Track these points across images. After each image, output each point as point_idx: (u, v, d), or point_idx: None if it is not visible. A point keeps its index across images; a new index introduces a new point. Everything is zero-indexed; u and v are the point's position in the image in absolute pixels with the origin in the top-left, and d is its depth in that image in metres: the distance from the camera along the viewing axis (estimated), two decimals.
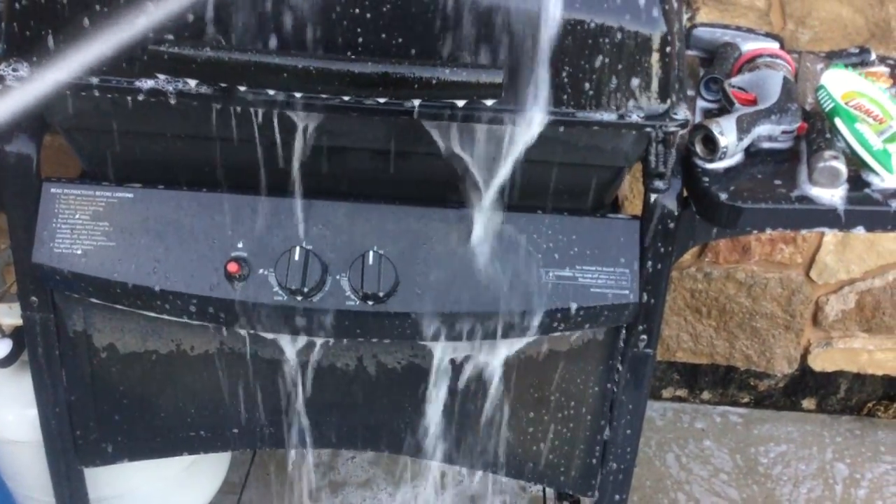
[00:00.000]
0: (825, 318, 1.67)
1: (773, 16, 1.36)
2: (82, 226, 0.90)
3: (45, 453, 1.09)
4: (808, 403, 1.83)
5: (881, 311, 1.65)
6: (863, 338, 1.70)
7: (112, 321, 0.98)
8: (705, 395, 1.83)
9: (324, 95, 0.76)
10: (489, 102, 0.77)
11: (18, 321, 1.07)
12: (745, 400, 1.83)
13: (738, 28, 1.13)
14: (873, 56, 1.10)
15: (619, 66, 0.81)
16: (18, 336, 1.10)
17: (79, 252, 0.90)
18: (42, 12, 0.78)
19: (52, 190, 0.91)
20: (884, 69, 1.08)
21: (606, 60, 0.80)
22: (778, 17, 1.36)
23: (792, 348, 1.71)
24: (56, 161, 1.25)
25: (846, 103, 0.93)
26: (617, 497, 1.09)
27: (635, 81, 0.82)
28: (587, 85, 0.80)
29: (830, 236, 1.56)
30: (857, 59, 1.10)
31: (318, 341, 0.97)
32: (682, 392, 1.83)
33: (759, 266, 1.61)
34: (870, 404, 1.81)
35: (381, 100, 0.76)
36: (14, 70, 0.80)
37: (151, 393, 1.04)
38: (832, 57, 1.10)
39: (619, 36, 0.79)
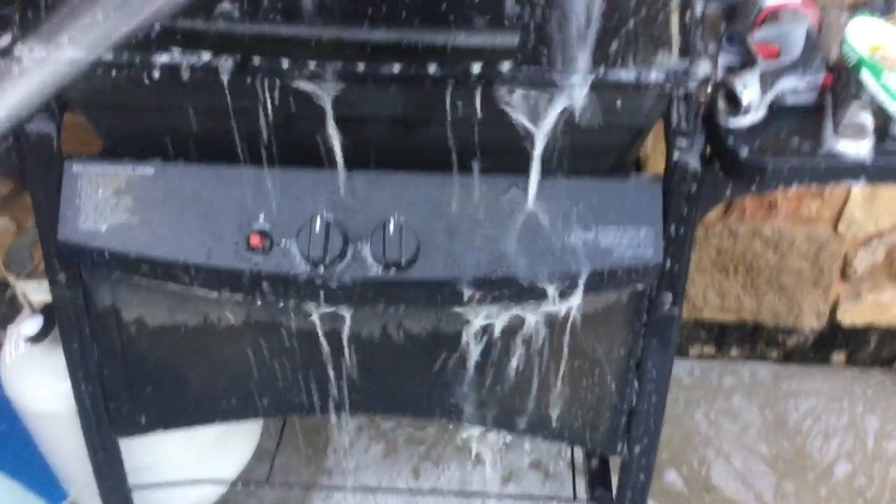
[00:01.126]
0: (853, 272, 1.65)
1: None
2: (105, 202, 0.91)
3: (80, 426, 1.12)
4: (837, 358, 1.81)
5: None
6: (893, 291, 1.68)
7: (139, 295, 0.99)
8: (733, 352, 1.83)
9: (339, 65, 0.76)
10: (505, 66, 0.76)
11: (48, 298, 1.09)
12: (774, 356, 1.82)
13: None
14: None
15: (639, 24, 0.79)
16: (49, 312, 1.11)
17: (103, 228, 0.91)
18: None
19: (74, 168, 0.91)
20: None
21: (625, 19, 0.78)
22: None
23: (820, 303, 1.69)
24: (77, 139, 1.26)
25: (872, 55, 0.91)
26: (645, 456, 1.09)
27: (655, 39, 0.80)
28: (606, 45, 0.79)
29: (858, 189, 1.54)
30: (884, 7, 1.07)
31: (343, 310, 0.97)
32: (709, 350, 1.83)
33: (785, 222, 1.58)
34: None
35: (397, 67, 0.75)
36: (30, 51, 0.80)
37: (181, 364, 1.06)
38: (857, 7, 1.07)
39: None
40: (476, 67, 0.76)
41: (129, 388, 1.08)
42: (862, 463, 1.62)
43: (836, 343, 1.78)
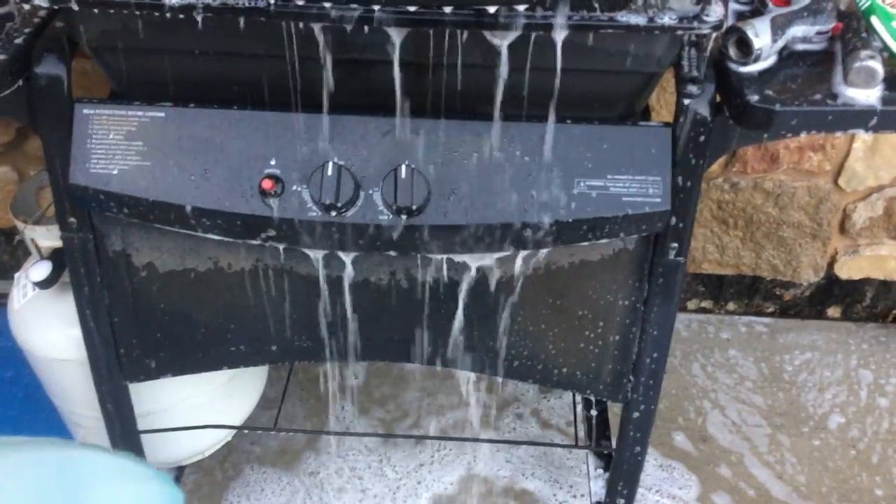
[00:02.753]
0: (852, 225, 1.66)
1: None
2: (116, 146, 0.91)
3: (89, 371, 1.13)
4: (833, 312, 1.84)
5: None
6: (890, 244, 1.70)
7: (150, 240, 1.00)
8: (730, 305, 1.85)
9: (353, 6, 0.75)
10: (520, 8, 0.76)
11: (56, 243, 1.09)
12: (771, 310, 1.84)
13: None
14: None
15: None
16: (57, 258, 1.12)
17: (114, 172, 0.91)
18: None
19: (85, 111, 0.91)
20: None
21: None
22: None
23: (818, 257, 1.71)
24: (82, 86, 1.26)
25: (883, 1, 0.91)
26: (647, 403, 1.11)
27: None
28: None
29: (860, 142, 1.54)
30: None
31: (352, 255, 0.98)
32: (707, 303, 1.85)
33: (786, 175, 1.59)
34: (895, 311, 1.82)
35: (412, 8, 0.75)
36: None
37: (191, 309, 1.07)
38: None
39: None
40: (490, 9, 0.76)
41: (139, 333, 1.09)
42: (855, 415, 1.66)
43: (833, 297, 1.80)
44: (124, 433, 1.19)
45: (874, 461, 1.57)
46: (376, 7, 0.76)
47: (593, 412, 1.50)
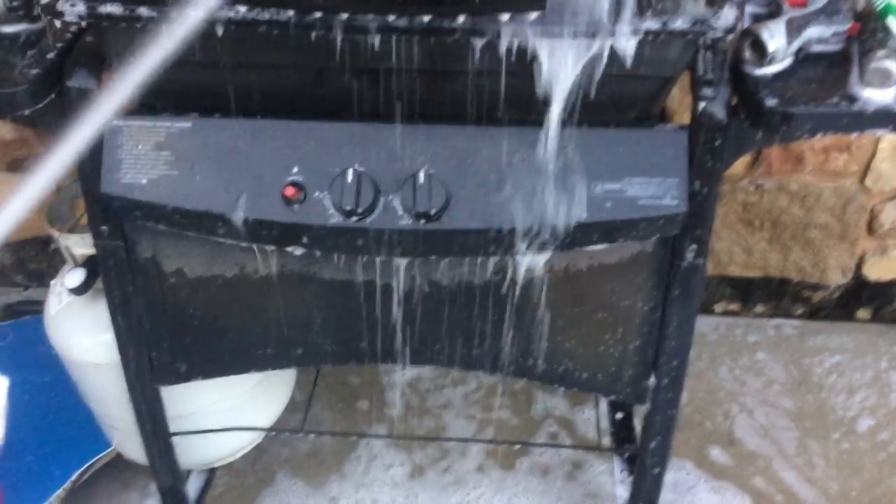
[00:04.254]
0: (880, 226, 1.65)
1: None
2: (146, 156, 0.94)
3: (122, 375, 1.16)
4: (862, 314, 1.82)
5: None
6: None
7: (178, 247, 1.03)
8: (758, 308, 1.84)
9: (371, 17, 0.78)
10: (533, 15, 0.78)
11: (90, 251, 1.12)
12: (799, 312, 1.83)
13: None
14: None
15: None
16: (91, 265, 1.15)
17: (144, 181, 0.94)
18: None
19: (115, 122, 0.94)
20: None
21: None
22: None
23: (846, 258, 1.69)
24: None
25: None
26: (668, 406, 1.12)
27: None
28: None
29: (886, 142, 1.53)
30: None
31: (373, 260, 1.00)
32: (734, 306, 1.84)
33: (812, 176, 1.59)
34: None
35: (426, 18, 0.77)
36: (72, 5, 0.83)
37: (220, 314, 1.09)
38: None
39: None
40: (504, 18, 0.78)
41: (170, 337, 1.12)
42: (885, 418, 1.64)
43: (862, 299, 1.79)
44: (157, 435, 1.23)
45: None
46: (392, 17, 0.77)
47: (618, 416, 1.51)
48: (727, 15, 0.82)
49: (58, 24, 0.93)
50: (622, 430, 1.46)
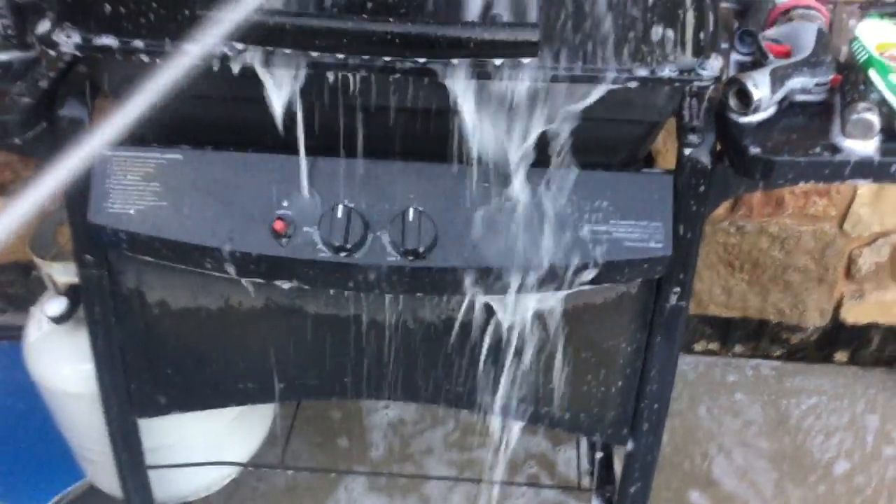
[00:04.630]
0: (858, 270, 1.67)
1: None
2: (134, 186, 0.94)
3: (99, 406, 1.15)
4: (840, 356, 1.84)
5: None
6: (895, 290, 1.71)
7: (163, 278, 1.02)
8: (737, 348, 1.85)
9: (364, 57, 0.78)
10: (525, 61, 0.79)
11: (72, 279, 1.12)
12: (778, 353, 1.85)
13: None
14: None
15: (652, 21, 0.82)
16: (73, 294, 1.14)
17: (131, 212, 0.94)
18: None
19: (105, 152, 0.94)
20: None
21: (639, 16, 0.81)
22: None
23: (824, 301, 1.71)
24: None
25: (880, 54, 0.93)
26: (649, 447, 1.12)
27: (667, 36, 0.83)
28: (621, 41, 0.81)
29: (865, 188, 1.56)
30: (893, 8, 1.09)
31: (360, 296, 1.00)
32: (714, 346, 1.85)
33: (792, 219, 1.61)
34: None
35: (421, 60, 0.78)
36: (68, 36, 0.83)
37: (202, 347, 1.09)
38: (867, 7, 1.09)
39: None
40: (496, 62, 0.79)
41: (150, 369, 1.11)
42: (861, 461, 1.65)
43: (840, 341, 1.81)
44: (132, 468, 1.21)
45: None
46: (384, 58, 0.78)
47: (598, 456, 1.51)
48: (713, 64, 0.84)
49: (51, 53, 0.92)
50: (602, 471, 1.46)
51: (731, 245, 1.65)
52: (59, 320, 1.14)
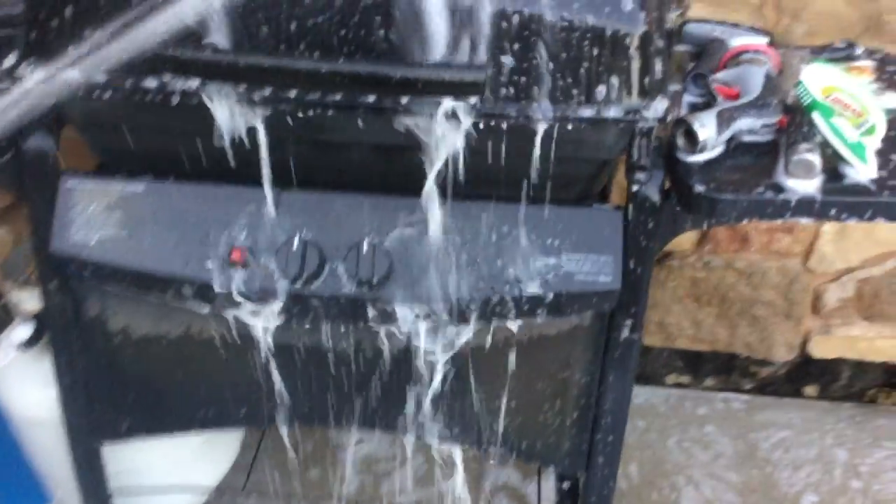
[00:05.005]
0: (824, 306, 1.70)
1: (766, 10, 1.39)
2: (97, 216, 0.96)
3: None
4: (810, 390, 1.86)
5: (880, 300, 1.68)
6: (863, 325, 1.73)
7: (126, 306, 1.04)
8: (708, 381, 1.87)
9: (314, 94, 0.81)
10: (472, 100, 0.82)
11: (39, 306, 1.13)
12: (748, 387, 1.86)
13: (728, 24, 1.16)
14: (859, 50, 1.13)
15: (601, 62, 0.85)
16: (40, 320, 1.16)
17: (93, 241, 0.96)
18: (58, 19, 0.84)
19: (69, 183, 0.97)
20: (869, 63, 1.11)
21: (588, 57, 0.84)
22: (772, 11, 1.39)
23: (792, 336, 1.74)
24: (76, 152, 1.32)
25: (825, 97, 0.97)
26: (604, 478, 1.13)
27: (615, 76, 0.86)
28: (566, 82, 0.84)
29: (829, 226, 1.59)
30: (844, 53, 1.13)
31: (316, 326, 1.02)
32: (685, 378, 1.87)
33: (758, 255, 1.64)
34: (871, 391, 1.84)
35: (370, 98, 0.81)
36: (32, 71, 0.86)
37: (164, 373, 1.10)
38: (818, 52, 1.13)
39: (597, 32, 0.83)
40: (446, 101, 0.82)
41: (113, 394, 1.12)
42: (828, 495, 1.66)
43: (809, 375, 1.83)
44: (95, 493, 1.22)
45: None
46: (338, 96, 0.81)
47: (565, 485, 1.52)
48: (657, 106, 0.87)
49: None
50: (567, 501, 1.47)
51: (699, 279, 1.67)
52: (25, 346, 1.16)
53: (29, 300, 1.17)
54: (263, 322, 1.02)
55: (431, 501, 1.60)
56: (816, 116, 0.95)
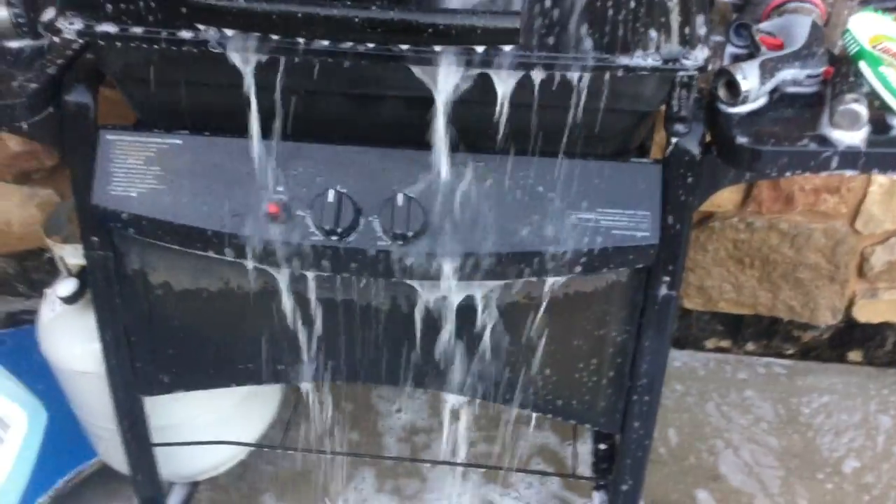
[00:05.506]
0: (871, 268, 1.66)
1: None
2: (136, 170, 0.98)
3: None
4: (854, 356, 1.82)
5: None
6: None
7: (165, 260, 1.06)
8: (749, 346, 1.84)
9: (347, 44, 0.81)
10: (507, 48, 0.80)
11: (83, 261, 1.15)
12: (790, 352, 1.84)
13: None
14: None
15: (639, 9, 0.83)
16: (83, 275, 1.18)
17: (133, 194, 0.97)
18: None
19: (108, 137, 0.98)
20: None
21: (624, 4, 0.82)
22: None
23: (836, 299, 1.70)
24: (116, 114, 1.33)
25: (873, 46, 0.93)
26: (641, 436, 1.13)
27: (655, 24, 0.84)
28: (605, 29, 0.82)
29: (876, 186, 1.55)
30: (892, 2, 1.09)
31: (354, 280, 1.03)
32: (725, 343, 1.85)
33: (802, 216, 1.60)
34: None
35: (404, 47, 0.80)
36: (70, 24, 0.87)
37: (203, 327, 1.12)
38: (867, 0, 1.09)
39: None
40: (479, 49, 0.81)
41: (154, 349, 1.14)
42: (871, 460, 1.64)
43: (853, 340, 1.79)
44: (138, 445, 1.25)
45: None
46: (370, 45, 0.80)
47: (601, 446, 1.52)
48: (697, 54, 0.85)
49: (58, 40, 0.96)
50: (603, 462, 1.47)
51: (741, 241, 1.64)
52: (69, 301, 1.18)
53: (73, 255, 1.19)
54: (298, 276, 1.03)
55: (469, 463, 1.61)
56: (863, 66, 0.91)
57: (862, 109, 0.88)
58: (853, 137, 0.89)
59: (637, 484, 1.18)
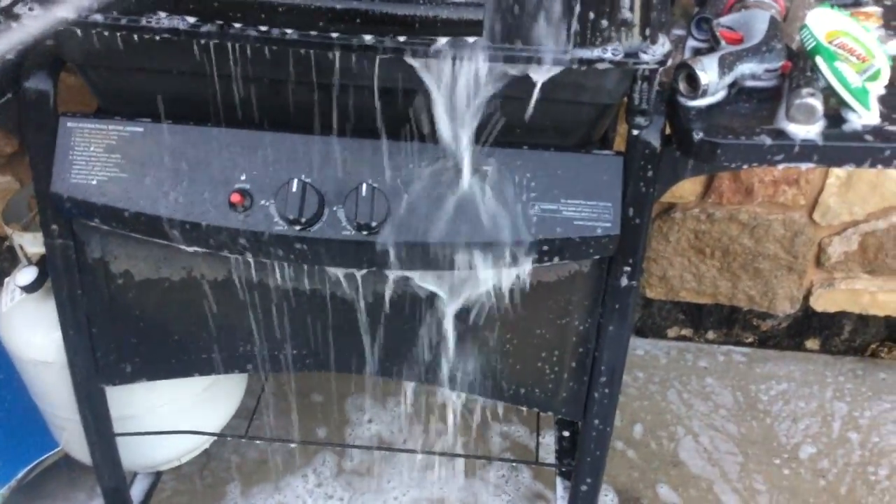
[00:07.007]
0: (828, 259, 1.69)
1: None
2: (96, 158, 0.97)
3: (69, 374, 1.18)
4: (811, 344, 1.86)
5: (884, 253, 1.67)
6: (866, 279, 1.73)
7: (126, 249, 1.05)
8: (710, 334, 1.88)
9: (312, 33, 0.81)
10: (470, 40, 0.81)
11: (42, 250, 1.14)
12: (750, 340, 1.87)
13: None
14: None
15: (601, 4, 0.84)
16: (43, 263, 1.17)
17: (93, 182, 0.96)
18: None
19: (69, 124, 0.97)
20: (876, 9, 1.09)
21: None
22: None
23: (794, 289, 1.74)
24: (78, 101, 1.31)
25: (829, 42, 0.95)
26: (601, 423, 1.14)
27: (616, 18, 0.85)
28: (567, 22, 0.83)
29: (834, 178, 1.58)
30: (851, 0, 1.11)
31: (316, 269, 1.03)
32: (686, 331, 1.88)
33: (762, 207, 1.63)
34: (873, 345, 1.84)
35: (368, 38, 0.80)
36: (30, 9, 0.86)
37: (165, 316, 1.11)
38: None
39: None
40: (442, 41, 0.81)
41: (115, 338, 1.13)
42: (826, 446, 1.68)
43: (811, 329, 1.83)
44: (100, 435, 1.24)
45: (842, 492, 1.59)
46: (334, 35, 0.81)
47: (565, 433, 1.54)
48: (658, 49, 0.86)
49: (13, 26, 0.95)
50: (566, 451, 1.49)
51: (702, 232, 1.67)
52: (29, 289, 1.17)
53: (32, 244, 1.18)
54: (262, 266, 1.03)
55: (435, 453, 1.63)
56: (820, 61, 0.93)
57: (817, 104, 0.90)
58: (809, 131, 0.90)
59: (598, 470, 1.20)
